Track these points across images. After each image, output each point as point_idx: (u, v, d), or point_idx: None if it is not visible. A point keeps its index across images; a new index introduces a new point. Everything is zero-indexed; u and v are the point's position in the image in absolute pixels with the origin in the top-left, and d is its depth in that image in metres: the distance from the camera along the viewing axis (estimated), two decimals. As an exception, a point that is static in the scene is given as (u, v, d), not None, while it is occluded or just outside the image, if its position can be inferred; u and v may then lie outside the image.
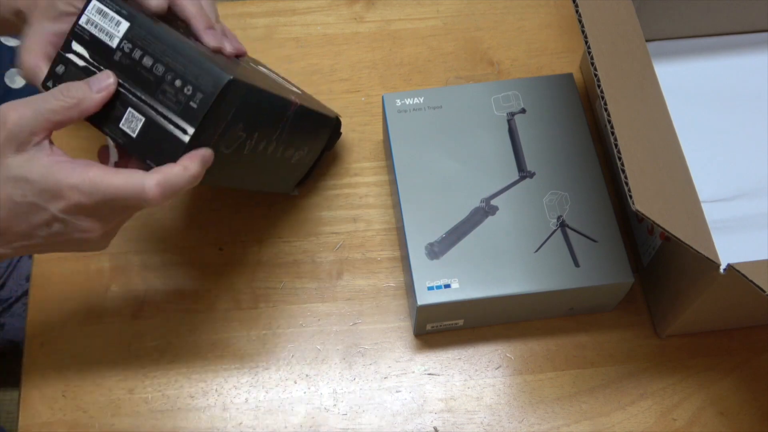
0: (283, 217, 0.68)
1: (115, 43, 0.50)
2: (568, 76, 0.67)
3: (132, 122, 0.49)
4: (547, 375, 0.62)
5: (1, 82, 0.94)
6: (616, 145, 0.48)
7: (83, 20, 0.50)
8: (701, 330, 0.63)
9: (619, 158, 0.47)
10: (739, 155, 0.68)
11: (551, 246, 0.59)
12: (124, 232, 0.67)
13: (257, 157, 0.57)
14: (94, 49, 0.50)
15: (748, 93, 0.71)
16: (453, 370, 0.62)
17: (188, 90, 0.48)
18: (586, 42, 0.52)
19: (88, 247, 0.51)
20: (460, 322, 0.62)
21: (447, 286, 0.58)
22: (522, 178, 0.62)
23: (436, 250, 0.59)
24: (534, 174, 0.62)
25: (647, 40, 0.67)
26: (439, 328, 0.62)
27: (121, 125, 0.50)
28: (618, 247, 0.59)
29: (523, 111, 0.65)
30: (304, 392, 0.61)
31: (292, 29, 0.78)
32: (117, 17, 0.50)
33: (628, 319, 0.64)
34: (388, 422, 0.60)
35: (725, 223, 0.64)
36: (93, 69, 0.50)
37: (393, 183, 0.64)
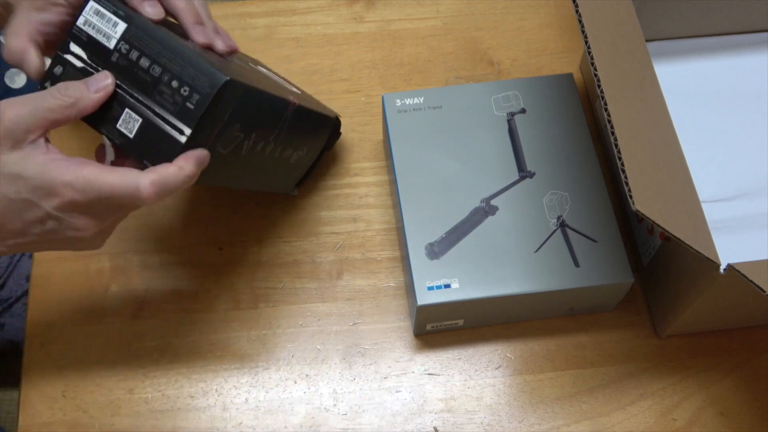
0: (283, 217, 0.68)
1: (112, 44, 0.50)
2: (568, 76, 0.67)
3: (129, 123, 0.49)
4: (547, 375, 0.62)
5: (1, 82, 0.94)
6: (616, 145, 0.48)
7: (81, 21, 0.50)
8: (701, 330, 0.63)
9: (619, 158, 0.47)
10: (739, 155, 0.68)
11: (551, 246, 0.59)
12: (123, 232, 0.67)
13: (255, 158, 0.57)
14: (91, 50, 0.50)
15: (748, 93, 0.71)
16: (453, 370, 0.62)
17: (185, 91, 0.48)
18: (586, 42, 0.52)
19: (82, 246, 0.51)
20: (460, 322, 0.62)
21: (447, 286, 0.58)
22: (522, 178, 0.62)
23: (436, 250, 0.59)
24: (534, 174, 0.62)
25: (647, 40, 0.67)
26: (439, 328, 0.62)
27: (118, 126, 0.50)
28: (618, 247, 0.59)
29: (523, 111, 0.65)
30: (304, 392, 0.61)
31: (292, 29, 0.78)
32: (114, 18, 0.50)
33: (628, 319, 0.64)
34: (388, 422, 0.60)
35: (725, 223, 0.64)
36: (91, 70, 0.50)
37: (393, 183, 0.64)
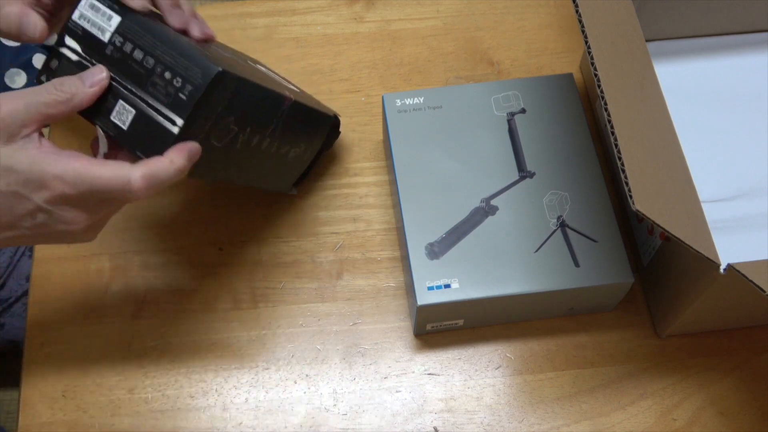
0: (283, 217, 0.68)
1: (106, 38, 0.50)
2: (568, 76, 0.67)
3: (123, 114, 0.49)
4: (547, 375, 0.62)
5: (1, 82, 0.94)
6: (616, 145, 0.48)
7: (76, 15, 0.50)
8: (701, 330, 0.63)
9: (619, 158, 0.47)
10: (739, 155, 0.68)
11: (551, 246, 0.59)
12: (123, 232, 0.67)
13: (251, 152, 0.57)
14: (86, 43, 0.50)
15: (748, 93, 0.71)
16: (453, 370, 0.62)
17: (178, 82, 0.48)
18: (586, 42, 0.52)
19: (73, 239, 0.51)
20: (460, 322, 0.62)
21: (447, 286, 0.58)
22: (522, 178, 0.62)
23: (436, 250, 0.59)
24: (534, 174, 0.62)
25: (647, 40, 0.67)
26: (439, 328, 0.62)
27: (112, 117, 0.50)
28: (618, 247, 0.59)
29: (523, 111, 0.65)
30: (304, 392, 0.61)
31: (292, 29, 0.78)
32: (109, 12, 0.50)
33: (628, 319, 0.64)
34: (388, 422, 0.60)
35: (725, 223, 0.64)
36: (86, 63, 0.50)
37: (393, 183, 0.64)
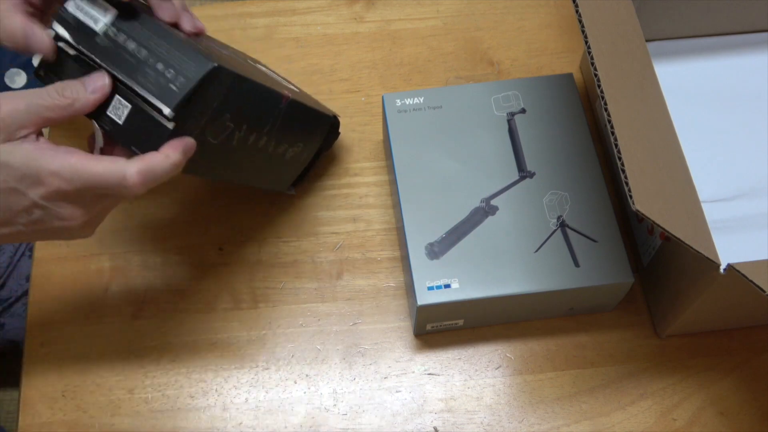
0: (283, 216, 0.68)
1: (99, 28, 0.49)
2: (568, 76, 0.67)
3: (119, 109, 0.49)
4: (547, 375, 0.62)
5: (1, 82, 0.94)
6: (616, 145, 0.48)
7: (70, 5, 0.50)
8: (701, 330, 0.63)
9: (619, 158, 0.47)
10: (739, 155, 0.68)
11: (551, 246, 0.59)
12: (123, 232, 0.67)
13: (248, 150, 0.57)
14: (77, 32, 0.50)
15: (748, 93, 0.71)
16: (453, 370, 0.62)
17: (170, 73, 0.48)
18: (586, 42, 0.52)
19: (70, 235, 0.51)
20: (460, 322, 0.62)
21: (447, 286, 0.58)
22: (522, 178, 0.62)
23: (436, 250, 0.59)
24: (534, 174, 0.62)
25: (647, 40, 0.67)
26: (439, 328, 0.62)
27: (108, 112, 0.49)
28: (618, 247, 0.59)
29: (523, 111, 0.65)
30: (304, 392, 0.61)
31: (292, 29, 0.78)
32: (104, 2, 0.50)
33: (628, 319, 0.64)
34: (388, 422, 0.60)
35: (725, 223, 0.64)
36: (83, 57, 0.49)
37: (393, 183, 0.64)
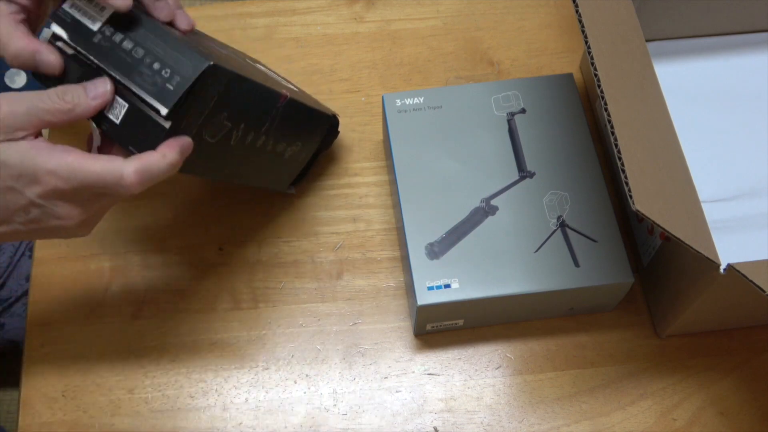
0: (283, 216, 0.68)
1: (96, 27, 0.49)
2: (568, 76, 0.67)
3: (116, 109, 0.49)
4: (547, 375, 0.62)
5: (1, 82, 0.94)
6: (616, 145, 0.48)
7: (67, 4, 0.50)
8: (701, 330, 0.63)
9: (619, 158, 0.47)
10: (739, 155, 0.68)
11: (551, 246, 0.59)
12: (123, 232, 0.67)
13: (246, 149, 0.57)
14: (73, 31, 0.49)
15: (748, 93, 0.71)
16: (453, 370, 0.62)
17: (166, 73, 0.48)
18: (586, 42, 0.52)
19: (67, 234, 0.51)
20: (460, 322, 0.62)
21: (447, 286, 0.58)
22: (522, 178, 0.62)
23: (436, 250, 0.59)
24: (534, 174, 0.62)
25: (647, 40, 0.67)
26: (439, 328, 0.62)
27: (105, 112, 0.49)
28: (618, 247, 0.59)
29: (523, 111, 0.65)
30: (304, 392, 0.61)
31: (292, 29, 0.78)
32: (101, 3, 0.50)
33: (628, 319, 0.64)
34: (388, 422, 0.60)
35: (725, 223, 0.64)
36: (82, 57, 0.49)
37: (393, 183, 0.64)
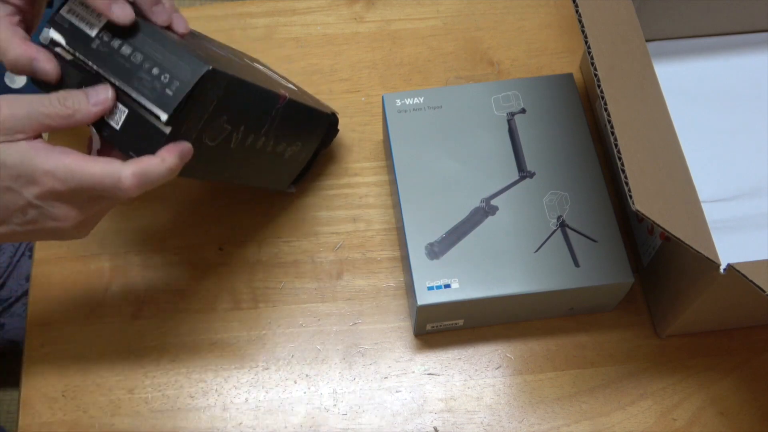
0: (283, 216, 0.68)
1: (94, 32, 0.49)
2: (568, 76, 0.67)
3: (116, 114, 0.49)
4: (547, 375, 0.62)
5: (1, 82, 0.94)
6: (616, 145, 0.48)
7: (65, 9, 0.50)
8: (701, 330, 0.63)
9: (619, 158, 0.47)
10: (739, 155, 0.68)
11: (551, 246, 0.59)
12: (123, 232, 0.67)
13: (246, 151, 0.57)
14: (71, 36, 0.49)
15: (748, 93, 0.71)
16: (453, 370, 0.62)
17: (165, 78, 0.48)
18: (586, 42, 0.52)
19: (63, 236, 0.51)
20: (460, 322, 0.62)
21: (447, 286, 0.58)
22: (522, 178, 0.62)
23: (436, 250, 0.59)
24: (534, 174, 0.62)
25: (647, 40, 0.67)
26: (439, 328, 0.62)
27: (105, 117, 0.49)
28: (618, 247, 0.59)
29: (523, 111, 0.65)
30: (304, 392, 0.61)
31: (292, 29, 0.78)
32: None
33: (628, 319, 0.64)
34: (388, 422, 0.60)
35: (725, 223, 0.64)
36: (80, 63, 0.49)
37: (393, 183, 0.64)
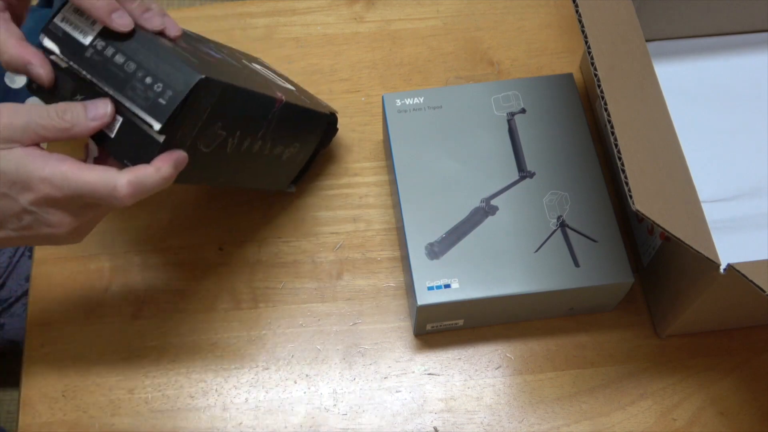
0: (283, 216, 0.68)
1: (88, 41, 0.49)
2: (568, 76, 0.67)
3: (111, 123, 0.49)
4: (547, 375, 0.62)
5: (0, 82, 0.94)
6: (616, 145, 0.48)
7: (58, 18, 0.49)
8: (701, 330, 0.63)
9: (619, 158, 0.47)
10: (739, 155, 0.68)
11: (551, 246, 0.59)
12: (123, 232, 0.67)
13: (243, 155, 0.57)
14: (65, 45, 0.49)
15: (748, 93, 0.71)
16: (453, 370, 0.62)
17: (158, 87, 0.47)
18: (586, 42, 0.52)
19: (58, 242, 0.51)
20: (460, 322, 0.62)
21: (447, 286, 0.58)
22: (522, 178, 0.62)
23: (436, 250, 0.59)
24: (534, 174, 0.62)
25: (647, 40, 0.67)
26: (439, 328, 0.62)
27: None
28: (618, 247, 0.59)
29: (523, 111, 0.65)
30: (304, 392, 0.61)
31: (292, 29, 0.78)
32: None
33: (628, 319, 0.64)
34: (388, 422, 0.60)
35: (725, 223, 0.64)
36: (75, 71, 0.49)
37: (393, 183, 0.64)
